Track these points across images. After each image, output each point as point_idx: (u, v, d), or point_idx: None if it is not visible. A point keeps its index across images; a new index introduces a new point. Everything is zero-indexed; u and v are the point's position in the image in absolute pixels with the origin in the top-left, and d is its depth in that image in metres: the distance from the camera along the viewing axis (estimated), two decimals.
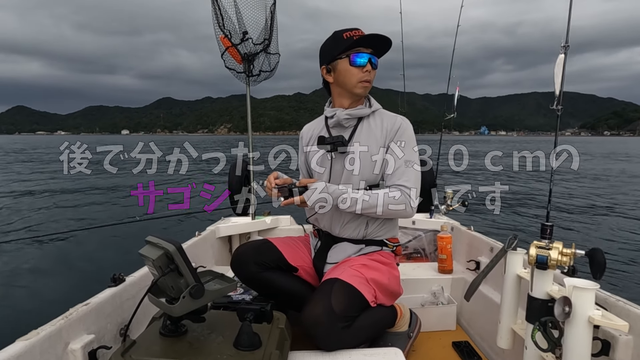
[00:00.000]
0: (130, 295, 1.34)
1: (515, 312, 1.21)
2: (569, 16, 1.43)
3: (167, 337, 1.04)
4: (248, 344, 0.99)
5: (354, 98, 1.44)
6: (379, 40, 1.39)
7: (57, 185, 11.08)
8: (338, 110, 1.44)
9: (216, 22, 2.24)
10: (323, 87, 1.54)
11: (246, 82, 2.42)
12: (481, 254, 1.91)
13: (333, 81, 1.45)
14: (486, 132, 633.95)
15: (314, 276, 1.51)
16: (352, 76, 1.39)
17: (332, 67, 1.43)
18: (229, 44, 2.26)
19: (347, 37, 1.37)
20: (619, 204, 8.44)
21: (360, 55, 1.37)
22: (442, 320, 1.73)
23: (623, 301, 1.06)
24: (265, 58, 2.43)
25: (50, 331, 1.01)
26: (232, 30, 2.29)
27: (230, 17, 2.26)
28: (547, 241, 1.06)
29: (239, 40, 2.29)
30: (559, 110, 1.44)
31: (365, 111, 1.43)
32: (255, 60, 2.40)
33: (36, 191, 10.17)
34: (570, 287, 0.95)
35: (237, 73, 2.41)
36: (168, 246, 0.98)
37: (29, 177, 13.37)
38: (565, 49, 1.42)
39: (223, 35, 2.25)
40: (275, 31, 2.38)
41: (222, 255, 2.39)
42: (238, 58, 2.33)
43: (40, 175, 13.80)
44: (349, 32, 1.37)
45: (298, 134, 1.66)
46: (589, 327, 0.92)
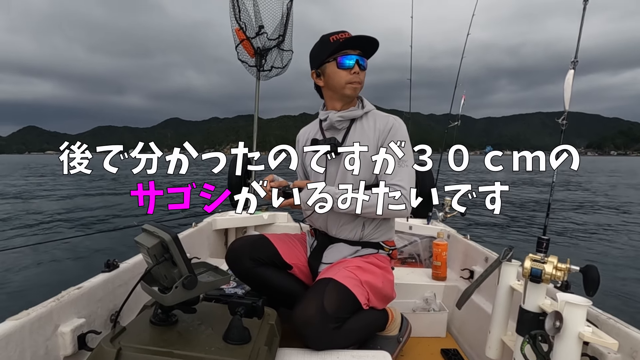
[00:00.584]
0: (122, 281, 1.34)
1: (506, 323, 1.21)
2: (580, 31, 1.43)
3: (157, 326, 1.04)
4: (237, 338, 1.00)
5: (345, 100, 1.45)
6: (366, 42, 1.39)
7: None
8: (330, 113, 1.45)
9: (232, 13, 2.24)
10: (315, 91, 1.55)
11: (257, 76, 2.42)
12: (476, 263, 1.91)
13: (324, 85, 1.46)
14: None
15: (308, 275, 1.51)
16: (340, 78, 1.40)
17: (321, 71, 1.44)
18: (244, 37, 2.26)
19: (333, 41, 1.38)
20: (622, 222, 8.43)
21: (347, 57, 1.38)
22: (433, 327, 1.73)
23: (614, 319, 1.06)
24: (278, 54, 2.43)
25: (40, 312, 1.01)
26: (248, 23, 2.28)
27: (247, 10, 2.26)
28: (543, 255, 1.06)
29: (254, 34, 2.29)
30: (564, 125, 1.44)
31: (358, 113, 1.44)
32: (268, 56, 2.40)
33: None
34: (562, 302, 0.95)
35: (248, 66, 2.41)
36: (164, 235, 0.98)
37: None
38: (574, 65, 1.42)
39: (238, 27, 2.25)
40: (290, 28, 2.38)
41: (218, 248, 2.39)
42: (251, 51, 2.33)
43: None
44: (336, 35, 1.39)
45: None
46: (578, 343, 0.92)
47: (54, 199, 10.66)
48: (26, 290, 3.78)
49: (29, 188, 14.24)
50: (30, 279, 4.09)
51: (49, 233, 6.47)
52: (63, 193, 11.20)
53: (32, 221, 7.30)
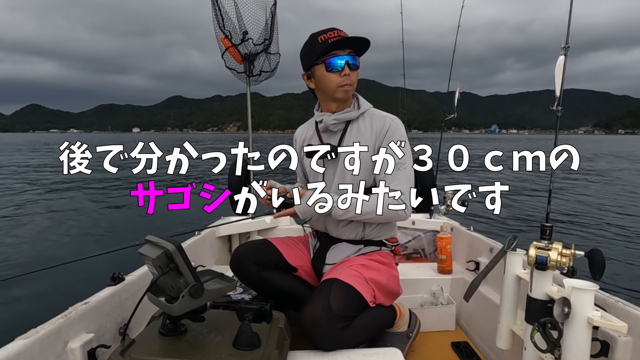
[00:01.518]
0: (129, 294, 1.34)
1: (515, 312, 1.21)
2: (569, 17, 1.43)
3: (166, 337, 1.04)
4: (247, 343, 0.99)
5: (339, 101, 1.41)
6: (355, 40, 1.34)
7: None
8: (325, 116, 1.42)
9: (216, 22, 2.25)
10: (309, 91, 1.50)
11: (247, 82, 2.43)
12: (481, 254, 1.91)
13: (315, 87, 1.43)
14: (497, 131, 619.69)
15: (313, 276, 1.51)
16: (330, 82, 1.35)
17: (311, 74, 1.40)
18: (229, 44, 2.27)
19: (322, 41, 1.32)
20: (623, 205, 8.43)
21: (336, 59, 1.32)
22: (442, 321, 1.73)
23: (622, 302, 1.06)
24: (266, 58, 2.44)
25: (49, 330, 1.01)
26: (233, 30, 2.30)
27: (230, 18, 2.27)
28: (547, 242, 1.06)
29: (239, 41, 2.29)
30: (559, 112, 1.43)
31: (353, 114, 1.40)
32: (256, 61, 2.41)
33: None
34: (569, 288, 0.95)
35: (237, 73, 2.42)
36: (168, 245, 0.98)
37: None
38: (566, 50, 1.41)
39: (223, 35, 2.26)
40: (276, 31, 2.39)
41: (222, 255, 2.39)
42: (238, 58, 2.34)
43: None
44: (324, 34, 1.32)
45: None
46: (588, 328, 0.92)
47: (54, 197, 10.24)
48: (32, 308, 3.78)
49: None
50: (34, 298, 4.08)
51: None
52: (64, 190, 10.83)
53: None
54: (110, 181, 11.25)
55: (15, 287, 3.82)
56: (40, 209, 7.81)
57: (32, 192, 10.03)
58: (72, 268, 4.12)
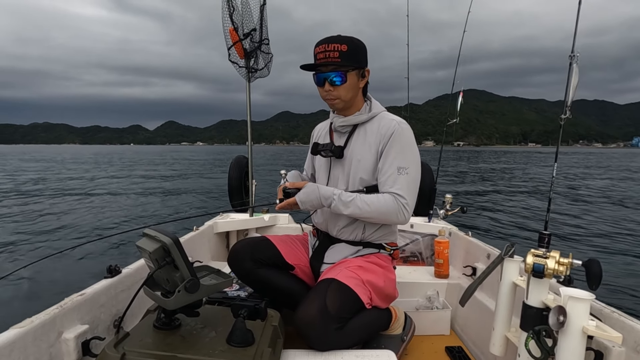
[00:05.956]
0: (125, 287, 1.34)
1: (510, 319, 1.21)
2: (576, 25, 1.42)
3: (160, 330, 1.04)
4: (241, 340, 0.99)
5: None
6: (324, 65, 1.33)
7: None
8: (335, 118, 1.47)
9: (227, 13, 2.28)
10: None
11: (246, 77, 2.47)
12: (478, 260, 1.91)
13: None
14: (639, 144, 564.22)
15: (310, 275, 1.51)
16: (320, 93, 1.40)
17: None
18: (237, 39, 2.30)
19: (314, 54, 1.35)
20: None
21: (318, 75, 1.36)
22: (436, 325, 1.73)
23: (618, 312, 1.06)
24: (262, 57, 2.51)
25: (44, 320, 1.01)
26: (239, 25, 2.33)
27: (239, 12, 2.31)
28: (545, 250, 1.06)
29: (243, 36, 2.33)
30: (562, 120, 1.42)
31: (361, 118, 1.42)
32: (254, 58, 2.47)
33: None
34: (565, 296, 0.95)
35: (238, 67, 2.48)
36: (165, 239, 0.98)
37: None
38: (572, 59, 1.39)
39: (233, 27, 2.29)
40: (266, 30, 2.45)
41: (219, 251, 2.39)
42: (241, 53, 2.38)
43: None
44: (316, 47, 1.34)
45: None
46: (582, 337, 0.91)
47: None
48: (29, 297, 3.79)
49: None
50: (32, 287, 4.09)
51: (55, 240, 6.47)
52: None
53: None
54: None
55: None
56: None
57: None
58: (70, 259, 4.13)
